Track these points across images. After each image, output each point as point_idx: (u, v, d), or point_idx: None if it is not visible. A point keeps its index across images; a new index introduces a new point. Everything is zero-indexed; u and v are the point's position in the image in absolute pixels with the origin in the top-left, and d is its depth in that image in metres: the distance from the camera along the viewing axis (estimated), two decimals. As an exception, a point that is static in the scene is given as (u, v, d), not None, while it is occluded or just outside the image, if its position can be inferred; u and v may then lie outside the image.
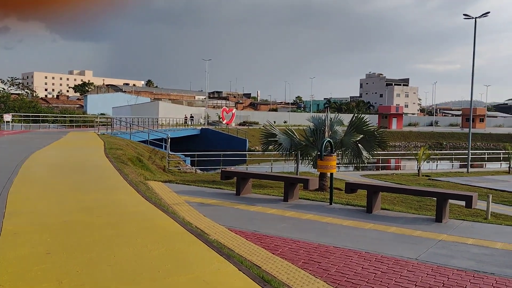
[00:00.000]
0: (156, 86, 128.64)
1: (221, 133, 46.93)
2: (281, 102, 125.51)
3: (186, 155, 25.01)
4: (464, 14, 23.75)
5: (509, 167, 23.18)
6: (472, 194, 7.93)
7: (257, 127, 54.92)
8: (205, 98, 75.95)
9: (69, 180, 9.60)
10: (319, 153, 9.78)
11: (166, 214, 6.74)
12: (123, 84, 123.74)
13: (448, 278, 4.88)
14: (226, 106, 76.27)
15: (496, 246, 6.33)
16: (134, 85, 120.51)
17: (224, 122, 56.24)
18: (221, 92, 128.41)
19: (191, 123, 48.71)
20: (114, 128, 29.10)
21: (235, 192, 10.45)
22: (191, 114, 50.77)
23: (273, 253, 5.68)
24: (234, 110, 64.83)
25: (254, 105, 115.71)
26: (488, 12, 23.23)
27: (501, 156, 27.83)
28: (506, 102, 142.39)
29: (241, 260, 4.93)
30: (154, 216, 6.62)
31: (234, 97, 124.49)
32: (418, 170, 20.99)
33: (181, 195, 9.97)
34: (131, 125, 28.24)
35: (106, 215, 6.50)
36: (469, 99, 26.23)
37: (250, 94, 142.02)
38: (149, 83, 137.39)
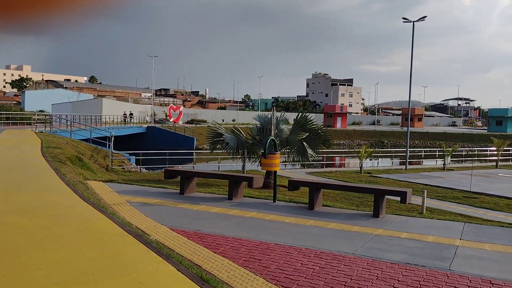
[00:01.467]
0: (100, 83, 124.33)
1: (168, 131, 46.18)
2: (230, 101, 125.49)
3: (131, 154, 24.37)
4: (403, 18, 24.83)
5: (443, 164, 24.52)
6: (406, 190, 8.31)
7: (205, 125, 54.52)
8: (151, 96, 74.37)
9: (1, 180, 9.06)
10: (263, 151, 9.86)
11: (104, 215, 6.53)
12: (64, 80, 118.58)
13: (382, 271, 5.08)
14: (174, 104, 75.19)
15: (427, 239, 6.67)
16: (76, 81, 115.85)
17: (171, 120, 55.37)
18: (169, 89, 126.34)
19: (131, 121, 47.08)
20: (54, 126, 27.80)
21: (179, 191, 10.32)
22: (130, 112, 49.05)
23: (214, 252, 5.66)
24: (182, 108, 63.98)
25: (203, 103, 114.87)
26: (425, 17, 24.44)
27: (437, 153, 29.41)
28: (442, 102, 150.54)
29: (180, 260, 4.86)
30: (91, 217, 6.39)
31: (182, 94, 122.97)
32: (361, 168, 21.71)
33: (122, 195, 9.70)
34: (72, 123, 27.13)
35: (39, 217, 6.19)
36: (410, 99, 27.47)
37: (198, 92, 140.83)
38: (92, 79, 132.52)
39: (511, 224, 8.86)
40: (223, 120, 64.08)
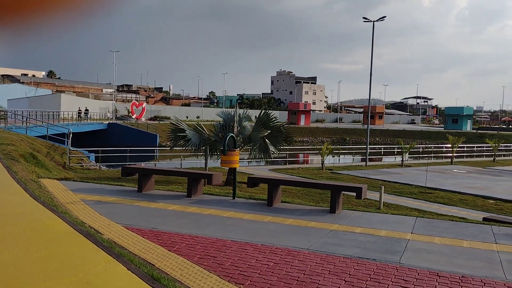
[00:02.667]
0: (59, 78, 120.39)
1: (131, 128, 45.27)
2: (194, 97, 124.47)
3: (90, 151, 23.76)
4: (363, 18, 25.33)
5: (402, 160, 25.25)
6: (362, 186, 8.49)
7: (168, 122, 53.85)
8: (113, 91, 72.68)
9: None
10: (222, 148, 9.83)
11: (55, 214, 6.33)
12: (21, 74, 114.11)
13: (335, 266, 5.17)
14: (136, 100, 73.79)
15: (380, 234, 6.84)
16: (33, 76, 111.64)
17: (133, 117, 54.33)
18: (131, 85, 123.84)
19: (86, 117, 45.62)
20: (9, 122, 26.73)
21: (137, 189, 10.14)
22: (85, 108, 47.54)
23: (169, 250, 5.59)
24: (145, 104, 62.89)
25: (166, 100, 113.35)
26: (384, 17, 25.04)
27: (396, 150, 30.25)
28: (402, 100, 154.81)
29: (131, 258, 4.78)
30: (41, 217, 6.18)
31: (145, 91, 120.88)
32: (322, 164, 22.04)
33: (77, 193, 9.44)
34: (28, 119, 26.14)
35: (-15, 217, 5.93)
36: (370, 98, 28.08)
37: (162, 88, 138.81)
38: (51, 74, 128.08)
39: (462, 218, 9.23)
40: (187, 117, 63.48)
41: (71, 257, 4.55)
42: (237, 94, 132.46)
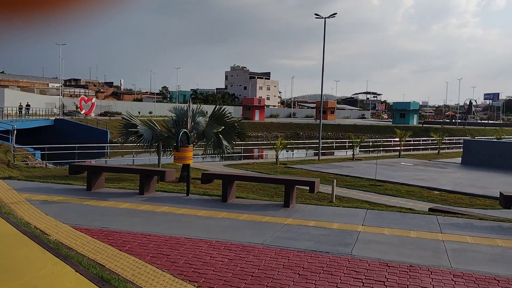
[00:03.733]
0: (3, 72, 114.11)
1: (79, 124, 43.67)
2: (147, 92, 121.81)
3: (36, 148, 22.72)
4: (315, 14, 25.71)
5: (353, 154, 25.93)
6: (314, 180, 8.63)
7: (120, 117, 52.40)
8: (60, 86, 69.72)
9: None
10: (175, 144, 9.67)
11: (-3, 216, 5.99)
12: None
13: (289, 260, 5.22)
14: (85, 95, 71.24)
15: (333, 226, 6.98)
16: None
17: (82, 112, 52.39)
18: (79, 80, 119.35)
19: (28, 113, 43.42)
20: None
21: (86, 187, 9.78)
22: (27, 103, 45.28)
23: (120, 250, 5.44)
24: (94, 99, 60.77)
25: (117, 95, 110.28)
26: (335, 14, 25.53)
27: (347, 144, 31.03)
28: (352, 96, 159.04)
29: (80, 260, 4.60)
30: (-19, 219, 5.83)
31: (95, 85, 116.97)
32: (276, 159, 22.23)
33: (22, 192, 8.98)
34: (-33, 115, 24.60)
35: None
36: (322, 93, 28.59)
37: (112, 83, 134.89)
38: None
39: (409, 209, 9.59)
40: (139, 113, 62.01)
41: (15, 260, 4.32)
42: (191, 89, 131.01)
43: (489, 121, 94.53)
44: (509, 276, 4.87)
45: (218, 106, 15.37)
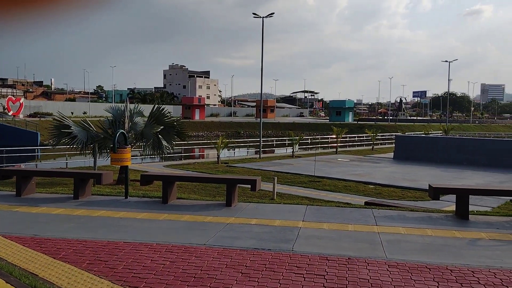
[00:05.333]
0: None
1: (7, 126, 40.98)
2: (80, 92, 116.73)
3: (-44, 153, 21.02)
4: (253, 13, 25.90)
5: (292, 151, 26.45)
6: (256, 178, 8.69)
7: (51, 118, 49.75)
8: (-16, 86, 65.01)
9: None
10: (111, 145, 9.34)
11: None
12: None
13: (231, 259, 5.22)
14: (13, 95, 66.97)
15: (275, 223, 7.07)
16: None
17: (10, 114, 49.18)
18: (6, 79, 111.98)
19: None
20: None
21: (15, 193, 9.19)
22: None
23: (54, 258, 5.17)
24: (23, 99, 57.26)
25: (48, 95, 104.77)
26: (273, 13, 25.88)
27: (287, 142, 31.59)
28: (291, 94, 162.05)
29: (10, 270, 4.32)
30: None
31: (23, 85, 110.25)
32: (218, 158, 22.18)
33: None
34: None
35: None
36: (262, 92, 28.86)
37: (42, 82, 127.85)
38: None
39: (346, 204, 9.93)
40: (72, 113, 59.21)
41: None
42: (128, 88, 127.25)
43: (418, 118, 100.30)
44: (439, 264, 5.18)
45: (157, 106, 15.04)
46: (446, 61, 60.24)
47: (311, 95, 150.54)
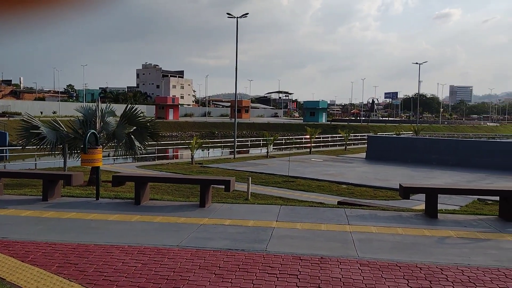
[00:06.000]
0: None
1: (-28, 126, 39.64)
2: (50, 91, 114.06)
3: None
4: (227, 14, 25.86)
5: (267, 152, 26.54)
6: (230, 178, 8.68)
7: (19, 118, 48.30)
8: None
9: None
10: (82, 146, 9.16)
11: None
12: None
13: (205, 260, 5.19)
14: (-21, 94, 64.79)
15: (248, 224, 7.08)
16: None
17: (-24, 113, 47.61)
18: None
19: None
20: None
21: (-20, 195, 8.89)
22: None
23: (22, 261, 5.03)
24: (-11, 98, 55.52)
25: (17, 94, 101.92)
26: (247, 14, 25.90)
27: (261, 142, 31.67)
28: (266, 95, 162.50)
29: (-26, 276, 4.17)
30: None
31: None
32: (192, 158, 22.04)
33: None
34: None
35: None
36: (237, 92, 28.84)
37: (11, 81, 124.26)
38: None
39: (320, 203, 10.04)
40: (41, 113, 57.76)
41: None
42: (100, 88, 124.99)
43: (390, 118, 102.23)
44: (409, 262, 5.30)
45: (129, 106, 14.83)
46: (417, 63, 61.60)
47: (286, 96, 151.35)
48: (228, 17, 25.97)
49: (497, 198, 8.63)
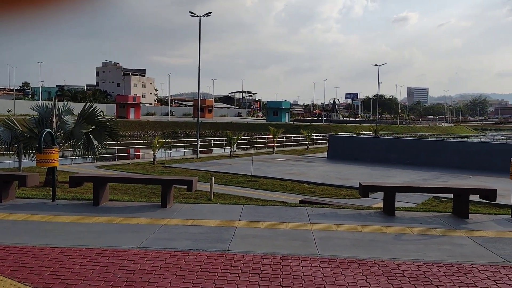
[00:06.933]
0: None
1: None
2: (4, 88, 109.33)
3: None
4: (190, 12, 25.65)
5: (230, 151, 26.51)
6: (192, 178, 8.61)
7: (-30, 116, 46.03)
8: None
9: None
10: (37, 145, 8.83)
11: None
12: None
13: (166, 261, 5.13)
14: None
15: (211, 224, 7.04)
16: None
17: None
18: None
19: None
20: None
21: None
22: None
23: (-28, 267, 4.79)
24: None
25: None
26: (210, 13, 25.76)
27: (225, 142, 31.61)
28: (229, 94, 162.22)
29: None
30: None
31: None
32: (154, 158, 21.73)
33: None
34: None
35: None
36: (199, 91, 28.65)
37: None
38: None
39: (282, 202, 10.13)
40: (-5, 111, 55.30)
41: None
42: (57, 86, 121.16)
43: (350, 119, 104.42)
44: (367, 259, 5.43)
45: (88, 104, 14.43)
46: (376, 65, 63.24)
47: (249, 96, 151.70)
48: (191, 15, 25.76)
49: (451, 195, 9.00)
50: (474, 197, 8.42)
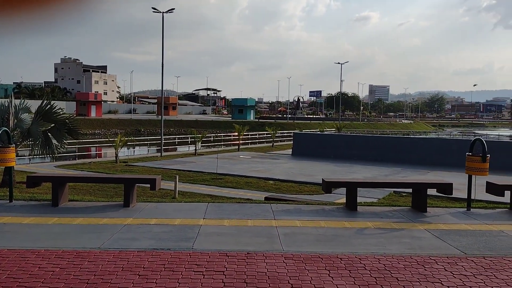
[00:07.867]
0: None
1: None
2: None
3: None
4: (152, 8, 25.23)
5: (195, 149, 26.31)
6: (155, 177, 8.49)
7: None
8: None
9: None
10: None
11: None
12: None
13: (128, 261, 5.04)
14: None
15: (175, 222, 6.97)
16: None
17: None
18: None
19: None
20: None
21: None
22: None
23: None
24: None
25: None
26: (173, 9, 25.43)
27: (189, 140, 31.35)
28: (194, 92, 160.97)
29: None
30: None
31: None
32: (116, 157, 21.27)
33: None
34: None
35: None
36: (163, 89, 28.27)
37: None
38: None
39: (247, 200, 10.17)
40: None
41: None
42: (14, 83, 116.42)
43: (314, 116, 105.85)
44: (330, 253, 5.53)
45: (46, 101, 13.95)
46: (339, 63, 64.35)
47: (214, 93, 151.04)
48: (154, 11, 25.35)
49: (410, 190, 9.29)
50: (432, 191, 8.73)
